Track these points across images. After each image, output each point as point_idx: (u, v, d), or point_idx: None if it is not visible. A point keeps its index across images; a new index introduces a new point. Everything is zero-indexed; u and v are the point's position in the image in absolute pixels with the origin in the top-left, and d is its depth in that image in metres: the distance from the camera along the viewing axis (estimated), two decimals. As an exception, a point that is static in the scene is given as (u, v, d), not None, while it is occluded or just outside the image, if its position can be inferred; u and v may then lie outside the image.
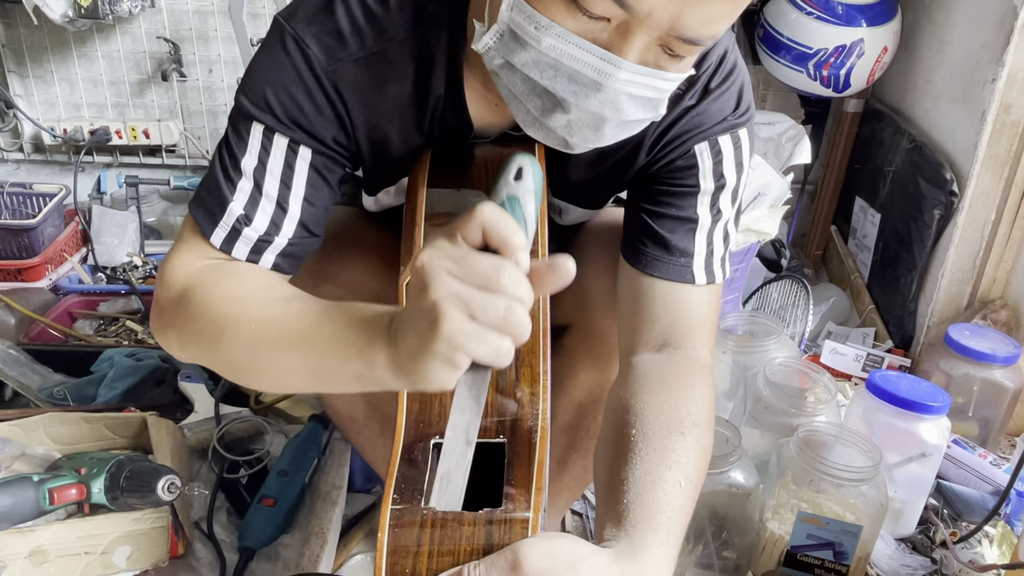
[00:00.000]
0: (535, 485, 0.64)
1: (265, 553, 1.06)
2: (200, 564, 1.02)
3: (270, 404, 1.40)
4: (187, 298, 0.65)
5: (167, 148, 2.02)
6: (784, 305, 1.61)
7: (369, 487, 1.25)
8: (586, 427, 0.92)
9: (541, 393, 0.68)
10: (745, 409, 1.24)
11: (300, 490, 1.13)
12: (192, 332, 0.64)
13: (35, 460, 1.04)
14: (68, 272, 1.83)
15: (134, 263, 1.88)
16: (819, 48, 1.57)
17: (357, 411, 0.95)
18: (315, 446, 1.19)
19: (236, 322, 0.61)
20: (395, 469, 0.64)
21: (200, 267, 0.68)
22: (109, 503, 0.94)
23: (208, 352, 0.64)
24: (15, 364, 1.41)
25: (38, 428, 1.09)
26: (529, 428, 0.68)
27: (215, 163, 0.70)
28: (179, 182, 2.00)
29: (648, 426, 0.67)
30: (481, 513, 0.62)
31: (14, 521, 0.90)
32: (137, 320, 1.66)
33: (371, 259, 0.86)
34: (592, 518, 1.21)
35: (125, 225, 1.92)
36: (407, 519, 0.62)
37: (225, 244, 0.68)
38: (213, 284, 0.65)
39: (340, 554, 1.10)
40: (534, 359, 0.69)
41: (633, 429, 0.67)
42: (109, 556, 0.92)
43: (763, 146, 1.47)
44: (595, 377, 0.86)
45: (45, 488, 0.92)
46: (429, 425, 0.67)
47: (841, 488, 1.03)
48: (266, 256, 0.70)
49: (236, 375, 0.65)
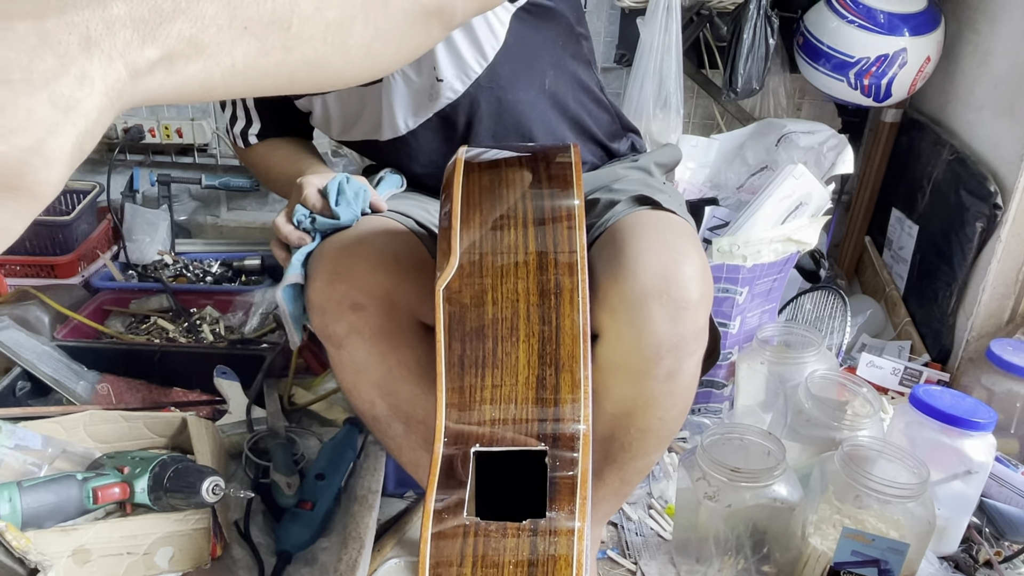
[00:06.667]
0: (580, 494, 0.63)
1: (302, 557, 1.06)
2: (237, 567, 1.01)
3: (303, 405, 1.39)
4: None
5: (199, 147, 2.03)
6: (820, 317, 1.59)
7: (402, 491, 1.24)
8: (621, 439, 0.91)
9: (582, 399, 0.67)
10: (785, 422, 1.22)
11: (337, 494, 1.12)
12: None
13: (75, 458, 1.04)
14: (100, 269, 1.83)
15: (165, 261, 1.89)
16: (860, 57, 1.55)
17: (379, 411, 0.95)
18: (351, 449, 1.19)
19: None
20: (435, 478, 0.63)
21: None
22: (152, 503, 0.94)
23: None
24: (51, 361, 1.41)
25: (78, 426, 1.09)
26: (571, 435, 0.66)
27: None
28: (210, 181, 2.01)
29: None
30: (526, 523, 0.61)
31: (58, 519, 0.90)
32: (168, 319, 1.66)
33: (382, 259, 0.87)
34: (627, 528, 1.20)
35: (156, 223, 1.93)
36: (450, 529, 0.61)
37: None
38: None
39: (374, 559, 1.10)
40: (574, 364, 0.68)
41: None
42: (151, 557, 0.91)
43: (803, 155, 1.46)
44: (626, 389, 0.85)
45: (89, 487, 0.92)
46: (469, 433, 0.67)
47: (886, 505, 1.01)
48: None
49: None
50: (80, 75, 0.35)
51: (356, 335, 0.87)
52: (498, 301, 0.70)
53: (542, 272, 0.71)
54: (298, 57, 0.46)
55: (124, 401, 1.37)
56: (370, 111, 1.02)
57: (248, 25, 0.42)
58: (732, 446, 1.09)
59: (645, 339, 0.79)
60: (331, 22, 0.47)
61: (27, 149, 0.33)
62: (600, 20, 1.82)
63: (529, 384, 0.67)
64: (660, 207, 0.90)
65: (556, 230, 0.73)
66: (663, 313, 0.78)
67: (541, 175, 0.77)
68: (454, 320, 0.69)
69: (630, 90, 1.63)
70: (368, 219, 0.95)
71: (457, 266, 0.71)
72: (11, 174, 0.33)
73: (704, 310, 0.81)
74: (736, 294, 1.33)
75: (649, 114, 1.60)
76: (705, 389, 1.45)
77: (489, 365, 0.68)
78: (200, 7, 0.39)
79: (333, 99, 1.03)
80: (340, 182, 0.93)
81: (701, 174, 1.58)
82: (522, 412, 0.67)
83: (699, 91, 1.85)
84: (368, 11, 0.50)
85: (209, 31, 0.40)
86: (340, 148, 1.82)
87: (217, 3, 0.40)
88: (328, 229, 0.92)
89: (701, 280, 0.80)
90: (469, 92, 0.97)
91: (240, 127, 1.12)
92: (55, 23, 0.34)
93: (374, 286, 0.85)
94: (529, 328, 0.69)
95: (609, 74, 1.87)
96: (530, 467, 0.64)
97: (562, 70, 1.03)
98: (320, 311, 0.87)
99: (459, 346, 0.69)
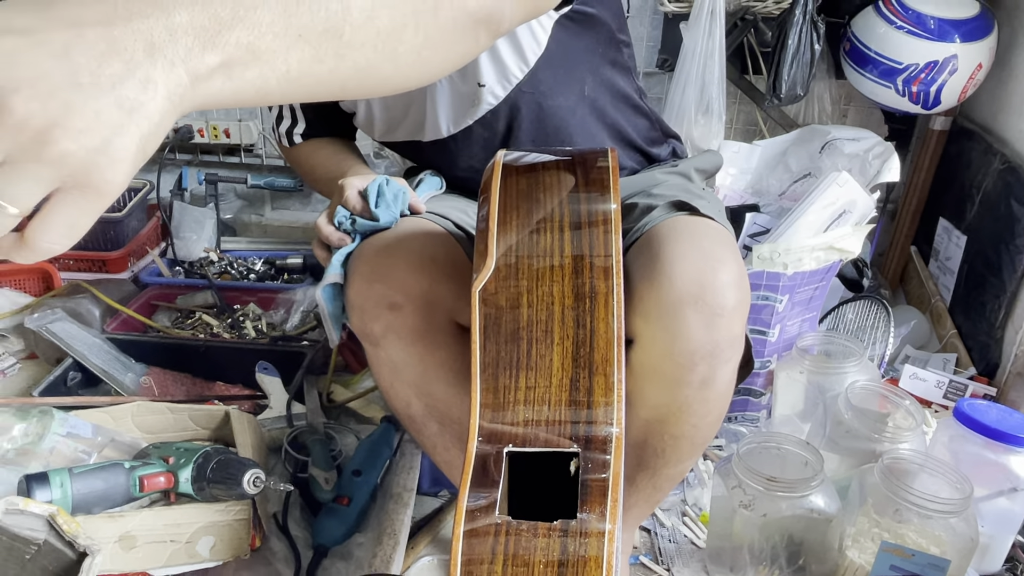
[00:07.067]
0: (611, 497, 0.63)
1: (338, 551, 1.07)
2: (275, 558, 1.04)
3: (342, 402, 1.42)
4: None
5: (245, 148, 2.07)
6: (862, 327, 1.57)
7: (436, 490, 1.26)
8: (654, 445, 0.91)
9: (615, 403, 0.67)
10: (824, 432, 1.21)
11: (373, 490, 1.14)
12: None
13: (123, 447, 1.08)
14: (149, 265, 1.89)
15: (210, 258, 1.94)
16: (909, 63, 1.52)
17: (415, 410, 0.97)
18: (387, 447, 1.20)
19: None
20: (468, 477, 0.64)
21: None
22: (194, 493, 0.96)
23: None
24: (101, 352, 1.46)
25: (126, 416, 1.13)
26: (603, 438, 0.67)
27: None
28: (256, 181, 2.05)
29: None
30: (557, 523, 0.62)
31: (106, 506, 0.93)
32: (213, 314, 1.70)
33: (420, 260, 0.88)
34: (661, 534, 1.19)
35: (203, 221, 1.98)
36: (481, 527, 0.61)
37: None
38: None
39: (408, 556, 1.11)
40: (608, 368, 0.68)
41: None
42: (193, 545, 0.94)
43: (848, 162, 1.43)
44: (660, 395, 0.85)
45: (136, 475, 0.95)
46: (502, 433, 0.67)
47: (927, 520, 0.99)
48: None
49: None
50: (144, 80, 0.37)
51: (393, 334, 0.89)
52: (533, 304, 0.71)
53: (577, 276, 0.71)
54: (350, 64, 0.47)
55: (169, 393, 1.41)
56: (414, 113, 1.04)
57: (302, 33, 0.43)
58: (769, 455, 1.08)
59: (679, 345, 0.79)
60: (382, 30, 0.48)
61: (94, 149, 0.35)
62: (643, 25, 1.82)
63: (563, 386, 0.68)
64: (698, 213, 0.90)
65: (592, 234, 0.73)
66: (698, 319, 0.78)
67: (578, 179, 0.77)
68: (489, 322, 0.70)
69: (672, 95, 1.63)
70: (407, 221, 0.96)
71: (493, 268, 0.72)
72: (80, 172, 0.35)
73: (740, 318, 0.81)
74: (776, 302, 1.32)
75: (691, 119, 1.59)
76: (742, 397, 1.43)
77: (523, 367, 0.69)
78: (257, 15, 0.41)
79: (378, 101, 1.05)
80: (380, 184, 0.95)
81: (742, 180, 1.56)
82: (555, 414, 0.67)
83: (742, 97, 1.83)
84: (418, 19, 0.51)
85: (265, 38, 0.41)
86: (382, 149, 1.85)
87: (273, 11, 0.42)
88: (368, 230, 0.94)
89: (737, 287, 0.80)
90: (510, 97, 0.98)
91: (286, 126, 1.15)
92: (122, 30, 0.36)
93: (411, 286, 0.87)
94: (564, 331, 0.69)
95: (651, 79, 1.87)
96: (562, 468, 0.65)
97: (601, 77, 1.03)
98: (358, 310, 0.89)
99: (494, 347, 0.69)
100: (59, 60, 0.35)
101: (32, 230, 0.37)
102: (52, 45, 0.35)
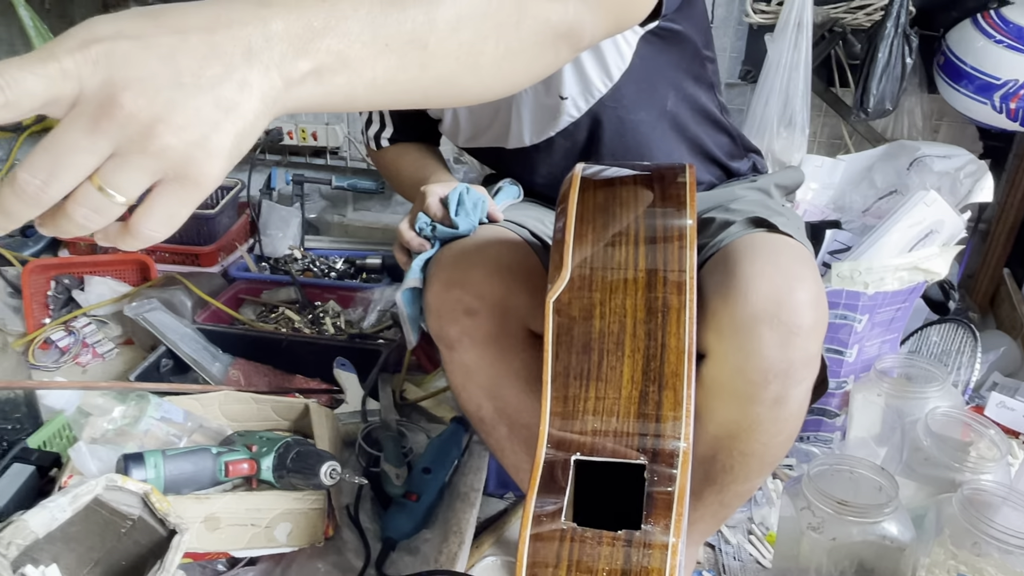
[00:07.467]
0: (676, 511, 0.64)
1: (405, 545, 1.11)
2: (346, 548, 1.08)
3: (414, 401, 1.46)
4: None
5: (331, 150, 2.15)
6: (946, 351, 1.51)
7: (501, 492, 1.28)
8: (722, 461, 0.90)
9: (684, 418, 0.68)
10: (901, 458, 1.17)
11: (441, 488, 1.17)
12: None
13: (210, 433, 1.14)
14: (237, 260, 1.98)
15: (294, 256, 2.01)
16: (1008, 79, 1.46)
17: (485, 413, 0.99)
18: (456, 447, 1.23)
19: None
20: (536, 482, 0.66)
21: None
22: (274, 481, 1.01)
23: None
24: (191, 342, 1.54)
25: (214, 404, 1.19)
26: (670, 452, 0.67)
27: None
28: (340, 182, 2.13)
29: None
30: (621, 533, 0.63)
31: (193, 488, 0.99)
32: (295, 310, 1.77)
33: (496, 267, 0.90)
34: (726, 551, 1.18)
35: (289, 220, 2.06)
36: (547, 532, 0.63)
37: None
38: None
39: (472, 554, 1.14)
40: (677, 382, 0.68)
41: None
42: (272, 530, 0.99)
43: (938, 180, 1.39)
44: (731, 411, 0.84)
45: (222, 460, 1.00)
46: (570, 441, 0.69)
47: (1008, 555, 0.95)
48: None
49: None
50: (241, 82, 0.40)
51: (468, 338, 0.91)
52: (606, 316, 0.72)
53: (651, 289, 0.72)
54: (433, 74, 0.49)
55: (252, 384, 1.48)
56: (499, 122, 1.06)
57: (389, 43, 0.46)
58: (841, 478, 1.06)
59: (752, 363, 0.78)
60: (464, 42, 0.50)
61: (193, 143, 0.39)
62: (727, 36, 1.80)
63: (632, 399, 0.69)
64: (776, 230, 0.89)
65: (667, 249, 0.74)
66: (773, 337, 0.77)
67: (655, 194, 0.78)
68: (562, 332, 0.72)
69: (754, 107, 1.61)
70: (485, 228, 0.99)
71: (568, 279, 0.73)
72: (180, 165, 0.39)
73: (817, 337, 0.80)
74: (855, 321, 1.29)
75: (772, 132, 1.57)
76: (815, 417, 1.40)
77: (594, 378, 0.70)
78: (347, 25, 0.44)
79: (464, 109, 1.08)
80: (460, 193, 0.98)
81: (824, 195, 1.53)
82: (623, 425, 0.68)
83: (827, 110, 1.79)
84: (500, 32, 0.53)
85: (354, 47, 0.44)
86: (461, 155, 1.88)
87: (362, 22, 0.44)
88: (447, 237, 0.97)
89: (815, 307, 0.79)
90: (592, 111, 1.00)
91: (374, 130, 1.20)
92: (223, 36, 0.40)
93: (487, 293, 0.89)
94: (635, 344, 0.70)
95: (732, 90, 1.85)
96: (628, 479, 0.66)
97: (684, 92, 1.04)
98: (436, 314, 0.92)
99: (566, 357, 0.71)
100: (165, 62, 0.38)
101: (136, 218, 0.41)
102: (159, 48, 0.38)
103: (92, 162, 0.38)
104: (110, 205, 0.39)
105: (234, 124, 0.40)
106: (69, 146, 0.37)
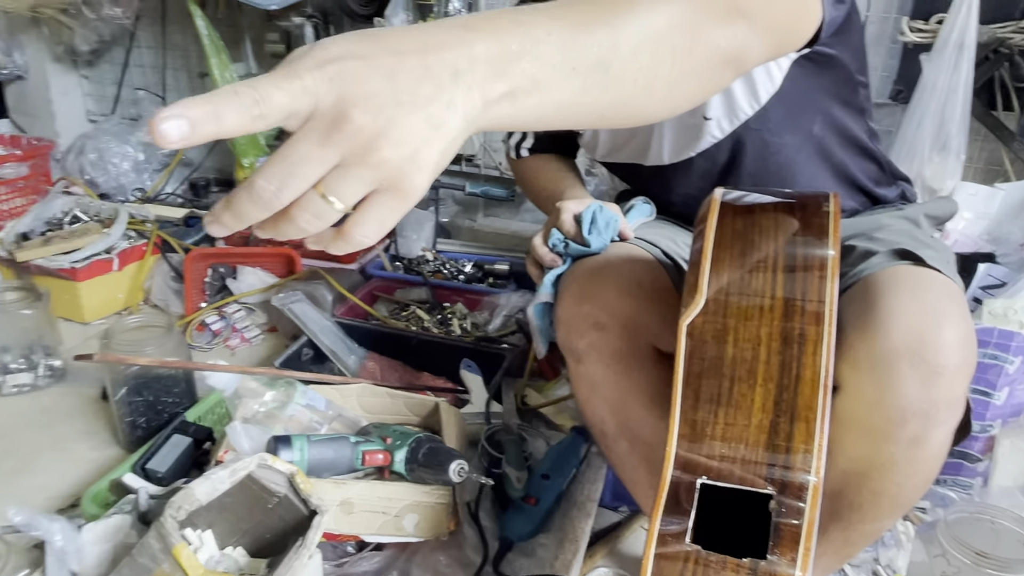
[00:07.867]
0: (804, 544, 0.63)
1: (522, 547, 1.14)
2: (466, 544, 1.13)
3: (535, 407, 1.49)
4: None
5: (466, 158, 2.22)
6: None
7: (616, 505, 1.29)
8: (850, 498, 0.88)
9: (816, 452, 0.67)
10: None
11: (559, 495, 1.20)
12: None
13: (348, 423, 1.22)
14: (374, 258, 2.08)
15: (426, 257, 2.10)
16: None
17: (608, 427, 1.00)
18: (575, 456, 1.26)
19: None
20: (662, 502, 0.67)
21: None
22: (405, 473, 1.07)
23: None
24: (330, 334, 1.65)
25: (352, 395, 1.27)
26: (800, 485, 0.66)
27: None
28: (473, 189, 2.20)
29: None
30: (746, 561, 0.63)
31: (332, 473, 1.06)
32: (425, 309, 1.85)
33: (627, 284, 0.91)
34: (847, 590, 1.14)
35: (423, 223, 2.14)
36: (671, 552, 0.64)
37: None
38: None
39: (585, 563, 1.16)
40: (811, 414, 0.67)
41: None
42: (400, 520, 1.05)
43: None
44: (863, 448, 0.82)
45: (360, 449, 1.07)
46: (696, 464, 0.69)
47: None
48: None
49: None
50: (449, 101, 0.43)
51: (596, 352, 0.94)
52: (739, 342, 0.72)
53: (787, 319, 0.72)
54: (611, 97, 0.52)
55: (384, 378, 1.56)
56: (639, 138, 1.08)
57: (576, 66, 0.49)
58: (981, 527, 1.00)
59: (889, 399, 0.76)
60: (643, 66, 0.53)
61: (407, 157, 0.42)
62: (878, 54, 1.73)
63: (762, 428, 0.69)
64: (923, 263, 0.86)
65: (807, 279, 0.73)
66: (914, 376, 0.75)
67: (797, 222, 0.77)
68: (694, 355, 0.73)
69: (904, 129, 1.54)
70: (617, 246, 1.01)
71: (703, 304, 0.74)
72: (393, 176, 0.43)
73: (963, 379, 0.77)
74: (1006, 363, 1.21)
75: (923, 156, 1.50)
76: (955, 460, 1.33)
77: (724, 403, 0.70)
78: (540, 49, 0.47)
79: None
80: (594, 211, 1.00)
81: (978, 226, 1.45)
82: (752, 454, 0.68)
83: (986, 134, 1.68)
84: (675, 57, 0.55)
85: (545, 70, 0.47)
86: (593, 167, 1.91)
87: (553, 46, 0.47)
88: (579, 254, 0.99)
89: (963, 346, 0.76)
90: (736, 133, 1.00)
91: (516, 140, 1.25)
92: (434, 58, 0.43)
93: (617, 309, 0.91)
94: (768, 373, 0.70)
95: (881, 110, 1.77)
96: (753, 508, 0.66)
97: (832, 117, 1.01)
98: (566, 327, 0.95)
99: (696, 381, 0.72)
100: (387, 81, 0.42)
101: (350, 224, 0.44)
102: (382, 69, 0.42)
103: (320, 172, 0.42)
104: (330, 211, 0.43)
105: (441, 140, 0.43)
106: (303, 156, 0.41)
